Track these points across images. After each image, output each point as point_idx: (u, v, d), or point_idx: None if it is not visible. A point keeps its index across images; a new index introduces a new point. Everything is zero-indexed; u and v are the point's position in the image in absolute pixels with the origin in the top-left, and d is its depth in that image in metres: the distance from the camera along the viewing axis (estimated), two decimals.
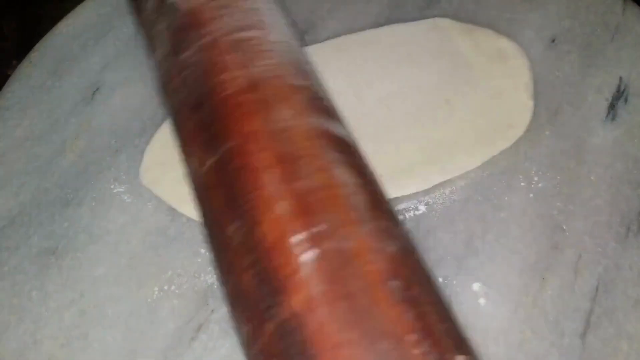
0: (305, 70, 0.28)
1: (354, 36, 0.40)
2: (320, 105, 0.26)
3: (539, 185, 0.33)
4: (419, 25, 0.40)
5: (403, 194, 0.33)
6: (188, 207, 0.33)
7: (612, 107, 0.36)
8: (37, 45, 0.42)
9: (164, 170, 0.35)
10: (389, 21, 0.40)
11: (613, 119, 0.35)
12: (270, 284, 0.20)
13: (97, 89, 0.39)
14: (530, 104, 0.35)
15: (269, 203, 0.22)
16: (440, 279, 0.30)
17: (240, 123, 0.24)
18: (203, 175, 0.25)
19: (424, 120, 0.35)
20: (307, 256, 0.20)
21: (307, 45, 0.39)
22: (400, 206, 0.33)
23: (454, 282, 0.30)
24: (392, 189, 0.32)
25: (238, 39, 0.27)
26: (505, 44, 0.38)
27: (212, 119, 0.25)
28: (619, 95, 0.36)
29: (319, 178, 0.22)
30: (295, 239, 0.20)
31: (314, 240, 0.20)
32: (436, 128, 0.35)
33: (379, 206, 0.23)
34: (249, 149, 0.23)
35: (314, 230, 0.21)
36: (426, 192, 0.33)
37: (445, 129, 0.35)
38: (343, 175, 0.23)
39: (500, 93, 0.36)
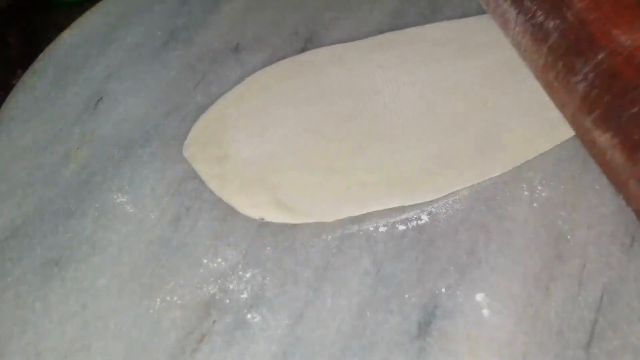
0: None
1: (397, 33, 0.40)
2: None
3: (543, 194, 0.33)
4: (465, 22, 0.40)
5: (420, 201, 0.33)
6: (216, 184, 0.34)
7: None
8: (41, 55, 0.42)
9: (203, 149, 0.36)
10: (391, 30, 0.40)
11: None
12: None
13: (101, 98, 0.39)
14: None
15: None
16: (443, 290, 0.30)
17: None
18: None
19: (460, 122, 0.35)
20: None
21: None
22: (402, 216, 0.33)
23: (457, 292, 0.30)
24: (404, 196, 0.33)
25: None
26: None
27: None
28: None
29: None
30: None
31: None
32: (463, 133, 0.35)
33: None
34: None
35: None
36: (429, 201, 0.33)
37: (472, 135, 0.35)
38: None
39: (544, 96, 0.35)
